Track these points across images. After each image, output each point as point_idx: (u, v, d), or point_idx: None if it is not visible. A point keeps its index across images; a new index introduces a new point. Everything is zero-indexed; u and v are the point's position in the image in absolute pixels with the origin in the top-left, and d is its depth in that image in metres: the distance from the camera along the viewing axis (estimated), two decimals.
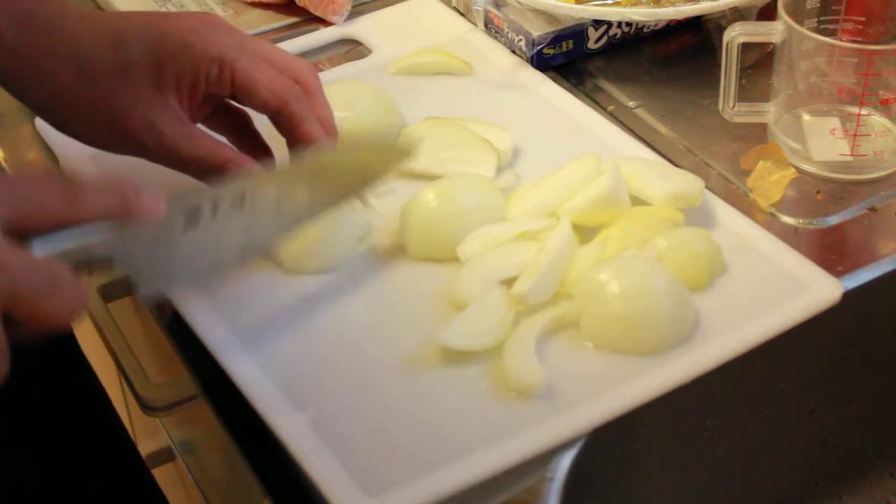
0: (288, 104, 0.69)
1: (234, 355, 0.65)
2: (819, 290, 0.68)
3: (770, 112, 0.80)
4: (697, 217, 0.73)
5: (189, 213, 0.61)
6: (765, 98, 0.81)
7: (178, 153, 0.68)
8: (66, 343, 0.87)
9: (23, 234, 0.53)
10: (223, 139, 0.72)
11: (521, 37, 0.88)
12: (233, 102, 0.73)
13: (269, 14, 0.98)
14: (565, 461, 0.61)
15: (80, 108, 0.68)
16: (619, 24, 0.90)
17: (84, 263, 0.57)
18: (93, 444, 0.85)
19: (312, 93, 0.71)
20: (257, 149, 0.73)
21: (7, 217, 0.52)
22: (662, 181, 0.72)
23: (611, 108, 0.86)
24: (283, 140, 0.71)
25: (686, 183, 0.73)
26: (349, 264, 0.71)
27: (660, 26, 0.92)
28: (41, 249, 0.54)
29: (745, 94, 0.80)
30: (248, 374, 0.64)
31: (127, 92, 0.67)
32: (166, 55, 0.67)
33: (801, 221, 0.75)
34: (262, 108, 0.69)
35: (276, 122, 0.70)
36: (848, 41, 0.79)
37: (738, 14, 0.88)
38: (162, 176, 0.70)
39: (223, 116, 0.72)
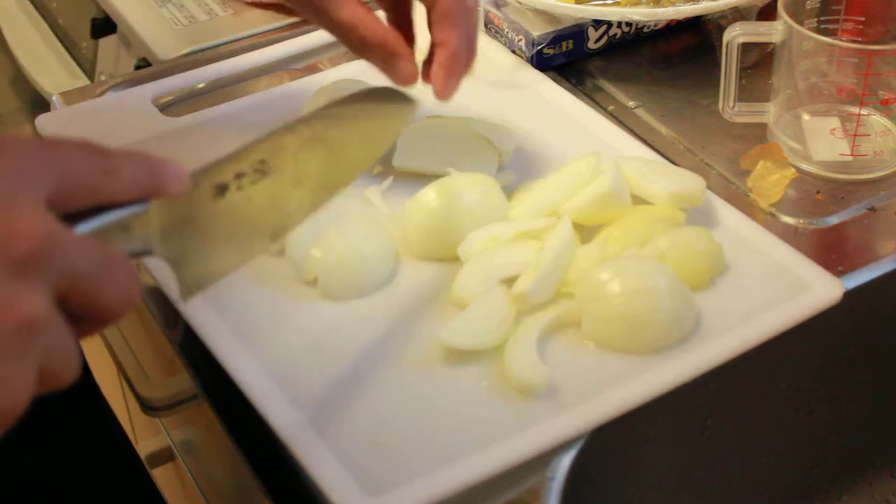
0: None
1: (235, 355, 0.65)
2: (820, 289, 0.68)
3: (770, 112, 0.80)
4: (698, 216, 0.73)
5: (215, 182, 0.56)
6: (765, 98, 0.81)
7: (326, 12, 0.71)
8: None
9: (62, 208, 0.47)
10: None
11: (521, 37, 0.88)
12: None
13: (269, 14, 0.98)
14: (565, 461, 0.61)
15: None
16: (619, 24, 0.90)
17: (123, 251, 0.51)
18: (90, 445, 0.85)
19: None
20: (408, 34, 0.76)
21: (53, 191, 0.47)
22: (664, 181, 0.72)
23: (611, 108, 0.86)
24: None
25: (688, 182, 0.73)
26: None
27: (660, 26, 0.92)
28: (83, 228, 0.49)
29: (745, 94, 0.80)
30: (249, 373, 0.64)
31: None
32: None
33: (801, 221, 0.75)
34: None
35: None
36: (848, 41, 0.79)
37: (738, 14, 0.88)
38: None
39: None
